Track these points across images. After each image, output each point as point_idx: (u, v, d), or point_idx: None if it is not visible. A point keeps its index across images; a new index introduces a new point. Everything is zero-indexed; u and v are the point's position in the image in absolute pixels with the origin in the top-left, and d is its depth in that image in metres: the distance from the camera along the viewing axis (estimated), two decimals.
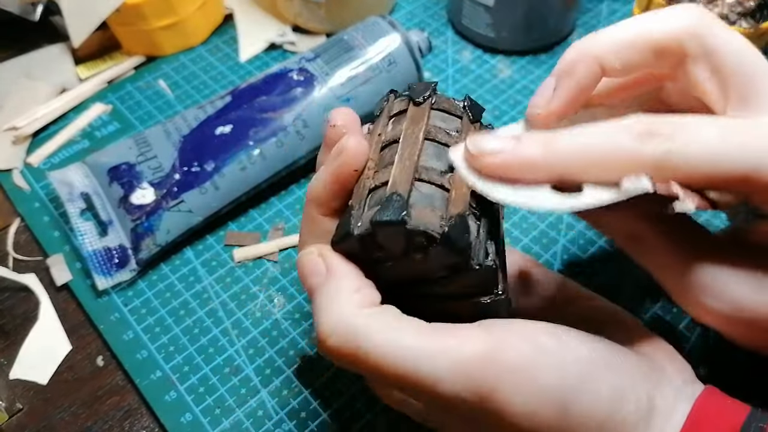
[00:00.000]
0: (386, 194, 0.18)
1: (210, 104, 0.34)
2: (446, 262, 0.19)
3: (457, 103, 0.22)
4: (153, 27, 0.39)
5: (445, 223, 0.18)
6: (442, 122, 0.21)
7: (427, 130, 0.20)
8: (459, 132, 0.21)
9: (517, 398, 0.17)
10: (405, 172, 0.19)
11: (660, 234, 0.20)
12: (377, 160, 0.21)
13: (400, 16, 0.43)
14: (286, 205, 0.34)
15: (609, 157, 0.17)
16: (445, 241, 0.18)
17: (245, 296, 0.30)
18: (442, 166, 0.20)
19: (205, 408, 0.27)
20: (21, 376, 0.28)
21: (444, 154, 0.20)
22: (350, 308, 0.18)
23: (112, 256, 0.30)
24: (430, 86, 0.22)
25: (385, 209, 0.18)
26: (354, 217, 0.19)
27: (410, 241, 0.18)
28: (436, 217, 0.18)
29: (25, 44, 0.42)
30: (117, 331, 0.29)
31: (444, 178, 0.19)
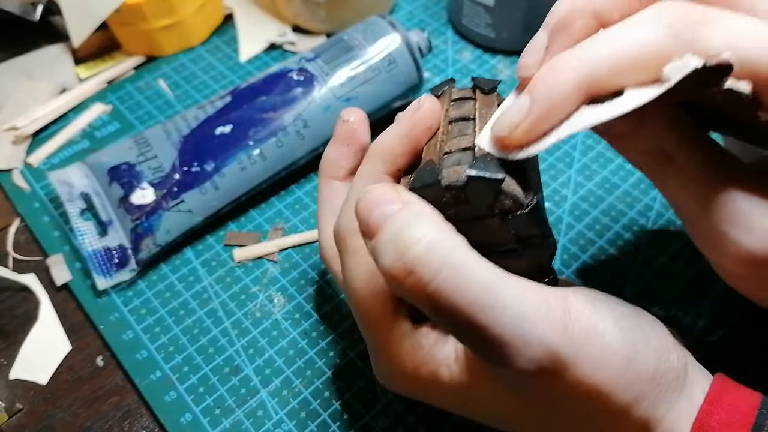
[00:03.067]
0: (479, 154, 0.19)
1: (210, 104, 0.34)
2: (522, 233, 0.19)
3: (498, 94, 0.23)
4: (153, 27, 0.39)
5: (530, 194, 0.19)
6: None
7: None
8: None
9: (592, 356, 0.17)
10: (485, 143, 0.19)
11: (691, 151, 0.18)
12: (445, 131, 0.21)
13: (400, 16, 0.43)
14: (286, 205, 0.34)
15: (645, 56, 0.16)
16: (533, 209, 0.18)
17: (245, 296, 0.30)
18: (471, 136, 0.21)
19: (205, 408, 0.27)
20: (21, 376, 0.28)
21: (469, 129, 0.21)
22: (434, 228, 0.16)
23: (112, 256, 0.30)
24: (495, 82, 0.22)
25: (481, 165, 0.18)
26: (436, 169, 0.19)
27: (498, 201, 0.18)
28: (520, 188, 0.19)
29: (25, 44, 0.42)
30: (117, 331, 0.29)
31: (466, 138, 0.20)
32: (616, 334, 0.18)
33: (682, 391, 0.19)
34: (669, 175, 0.19)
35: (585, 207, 0.33)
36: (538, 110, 0.17)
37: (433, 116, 0.21)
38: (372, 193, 0.18)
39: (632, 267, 0.30)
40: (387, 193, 0.18)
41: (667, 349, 0.19)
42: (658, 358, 0.18)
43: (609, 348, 0.17)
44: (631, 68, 0.16)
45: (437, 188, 0.19)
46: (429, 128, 0.21)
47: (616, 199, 0.33)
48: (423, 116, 0.21)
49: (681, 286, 0.29)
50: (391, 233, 0.17)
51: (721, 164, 0.18)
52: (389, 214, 0.17)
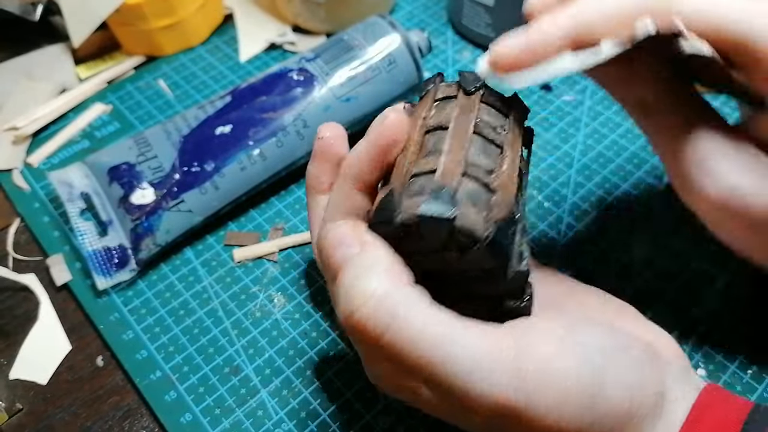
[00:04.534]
0: (435, 185, 0.18)
1: (210, 104, 0.34)
2: (483, 266, 0.18)
3: (504, 100, 0.21)
4: (153, 27, 0.39)
5: (490, 226, 0.18)
6: (489, 117, 0.21)
7: (477, 122, 0.20)
8: (506, 131, 0.21)
9: (548, 397, 0.17)
10: (455, 166, 0.19)
11: (667, 100, 0.20)
12: (420, 142, 0.20)
13: (400, 17, 0.43)
14: (286, 205, 0.34)
15: (625, 12, 0.18)
16: (489, 245, 0.17)
17: (245, 296, 0.30)
18: (489, 164, 0.19)
19: (205, 408, 0.27)
20: (21, 376, 0.28)
21: (490, 151, 0.20)
22: (386, 281, 0.17)
23: (112, 256, 0.30)
24: (480, 78, 0.21)
25: (433, 201, 0.17)
26: (395, 202, 0.18)
27: (452, 238, 0.18)
28: (480, 218, 0.18)
29: (25, 44, 0.42)
30: (117, 331, 0.29)
31: (489, 178, 0.19)
32: (581, 372, 0.17)
33: (661, 416, 0.18)
34: (648, 118, 0.21)
35: (585, 207, 0.33)
36: (531, 42, 0.19)
37: (397, 131, 0.20)
38: (332, 234, 0.19)
39: (632, 268, 0.30)
40: (346, 235, 0.19)
41: (645, 383, 0.18)
42: (632, 393, 0.18)
43: (569, 388, 0.17)
44: (613, 23, 0.19)
45: (393, 226, 0.18)
46: (395, 142, 0.20)
47: (615, 199, 0.33)
48: (385, 134, 0.20)
49: (683, 284, 0.29)
50: (346, 285, 0.18)
51: (697, 113, 0.20)
52: (347, 258, 0.18)
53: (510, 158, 0.20)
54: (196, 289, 0.30)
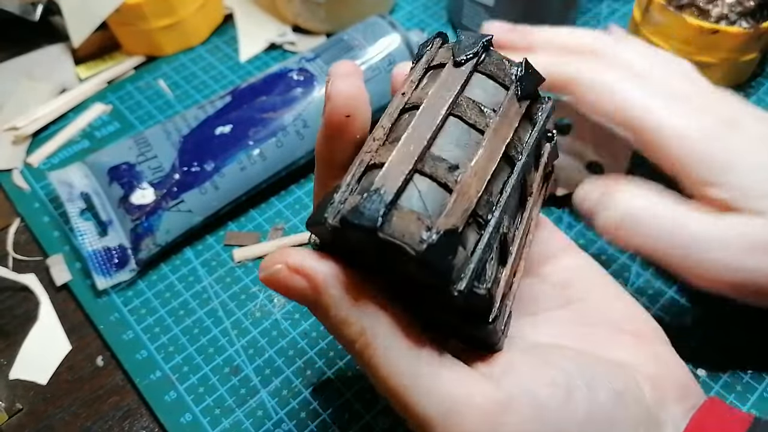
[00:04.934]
0: (371, 185, 0.15)
1: (210, 104, 0.34)
2: (422, 281, 0.16)
3: (510, 68, 0.17)
4: (153, 27, 0.39)
5: (428, 238, 0.15)
6: (482, 92, 0.17)
7: (458, 101, 0.17)
8: (496, 111, 0.17)
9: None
10: (405, 159, 0.15)
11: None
12: (390, 126, 0.17)
13: (400, 17, 0.43)
14: (286, 205, 0.34)
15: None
16: (419, 260, 0.15)
17: (245, 296, 0.30)
18: (459, 155, 0.16)
19: (205, 408, 0.27)
20: (21, 376, 0.28)
21: (470, 138, 0.16)
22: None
23: (112, 256, 0.30)
24: (481, 41, 0.17)
25: (361, 207, 0.15)
26: (336, 200, 0.16)
27: (382, 250, 0.15)
28: (420, 227, 0.15)
29: (25, 44, 0.42)
30: (117, 331, 0.29)
31: (452, 176, 0.16)
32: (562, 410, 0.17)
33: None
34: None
35: None
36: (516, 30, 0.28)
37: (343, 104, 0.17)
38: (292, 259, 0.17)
39: (632, 268, 0.30)
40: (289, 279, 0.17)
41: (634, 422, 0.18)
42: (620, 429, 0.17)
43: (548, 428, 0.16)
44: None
45: (324, 230, 0.16)
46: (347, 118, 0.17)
47: None
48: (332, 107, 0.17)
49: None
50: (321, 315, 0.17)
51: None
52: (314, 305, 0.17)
53: (488, 148, 0.16)
54: (196, 289, 0.30)
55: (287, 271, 0.17)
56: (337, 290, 0.16)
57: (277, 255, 0.17)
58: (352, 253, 0.17)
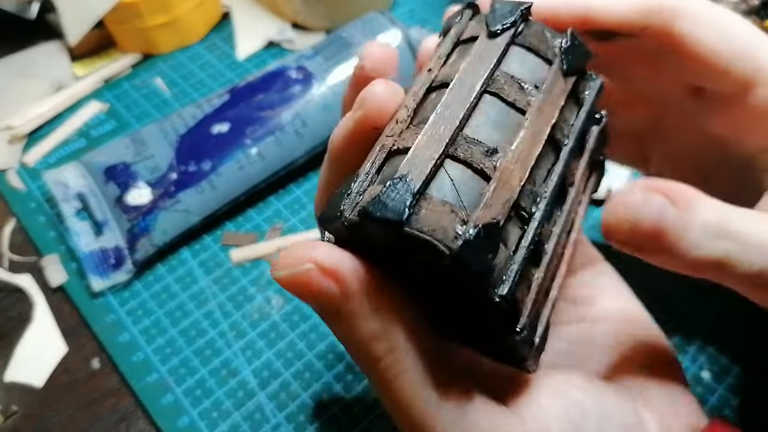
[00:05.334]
0: (395, 173, 0.13)
1: (207, 102, 0.33)
2: (457, 284, 0.13)
3: (552, 40, 0.15)
4: (149, 25, 0.39)
5: (464, 233, 0.12)
6: (522, 67, 0.15)
7: (494, 76, 0.15)
8: (539, 88, 0.15)
9: None
10: (434, 142, 0.13)
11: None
12: (415, 106, 0.15)
13: (400, 14, 0.43)
14: (285, 205, 0.33)
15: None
16: (453, 259, 0.12)
17: (243, 297, 0.30)
18: (497, 138, 0.14)
19: (202, 411, 0.26)
20: (16, 378, 0.28)
21: (508, 118, 0.14)
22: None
23: (108, 256, 0.30)
24: (519, 8, 0.15)
25: (384, 197, 0.13)
26: (353, 191, 0.14)
27: (407, 247, 0.13)
28: (453, 220, 0.13)
29: (20, 42, 0.42)
30: (113, 332, 0.29)
31: (490, 161, 0.14)
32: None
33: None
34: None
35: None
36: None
37: (380, 113, 0.15)
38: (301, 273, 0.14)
39: (635, 270, 0.30)
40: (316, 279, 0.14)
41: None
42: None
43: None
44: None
45: (341, 226, 0.14)
46: (375, 130, 0.16)
47: None
48: (365, 116, 0.15)
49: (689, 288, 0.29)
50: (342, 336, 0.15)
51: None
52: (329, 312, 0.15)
53: (531, 129, 0.14)
54: (193, 291, 0.30)
55: (317, 272, 0.14)
56: (369, 298, 0.14)
57: (299, 250, 0.14)
58: (369, 252, 0.14)
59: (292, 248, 0.14)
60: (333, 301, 0.14)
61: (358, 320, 0.14)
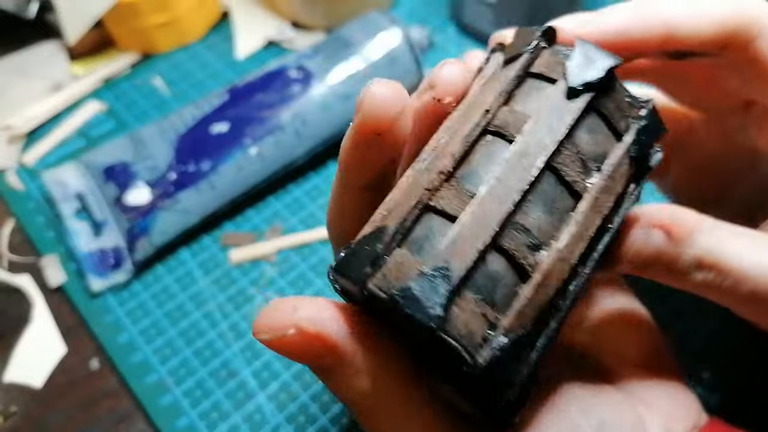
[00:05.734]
0: (435, 259, 0.12)
1: (207, 102, 0.33)
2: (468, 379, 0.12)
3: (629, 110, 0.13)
4: (148, 24, 0.39)
5: (491, 344, 0.12)
6: (589, 138, 0.13)
7: (560, 148, 0.13)
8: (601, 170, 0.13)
9: None
10: (483, 226, 0.12)
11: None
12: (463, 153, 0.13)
13: (400, 13, 0.43)
14: (284, 205, 0.33)
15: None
16: (481, 374, 0.12)
17: (242, 298, 0.30)
18: (545, 226, 0.12)
19: (201, 412, 0.26)
20: (15, 379, 0.28)
21: (562, 203, 0.13)
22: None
23: (107, 257, 0.30)
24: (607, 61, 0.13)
25: (418, 292, 0.11)
26: (379, 251, 0.12)
27: (435, 346, 0.12)
28: (483, 325, 0.12)
29: (19, 42, 0.42)
30: (112, 333, 0.29)
31: (532, 257, 0.12)
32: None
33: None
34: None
35: None
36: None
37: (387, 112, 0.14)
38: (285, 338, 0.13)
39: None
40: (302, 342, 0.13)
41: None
42: None
43: None
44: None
45: (360, 290, 0.12)
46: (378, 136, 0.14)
47: None
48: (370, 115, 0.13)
49: None
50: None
51: None
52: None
53: (582, 224, 0.13)
54: (192, 291, 0.30)
55: (300, 336, 0.13)
56: (359, 358, 0.13)
57: (281, 312, 0.13)
58: (376, 315, 0.13)
59: (273, 308, 0.13)
60: (320, 364, 0.13)
61: (347, 379, 0.14)
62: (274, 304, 0.13)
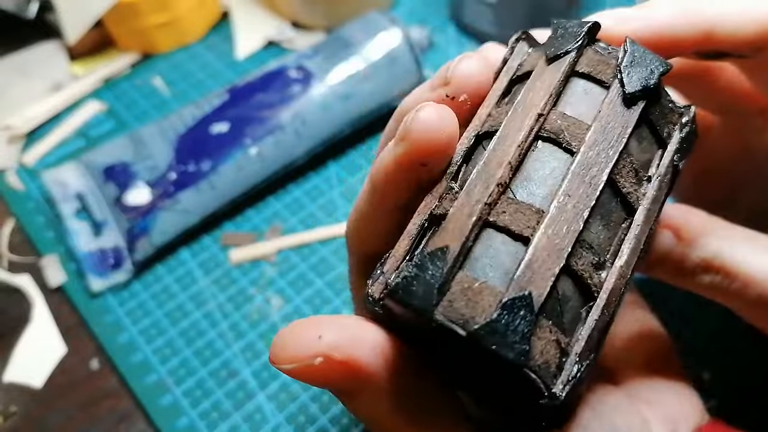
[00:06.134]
0: (512, 289, 0.11)
1: (207, 102, 0.33)
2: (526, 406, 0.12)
3: (672, 116, 0.13)
4: (149, 24, 0.39)
5: (567, 368, 0.11)
6: (638, 147, 0.13)
7: (619, 160, 0.12)
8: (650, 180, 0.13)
9: None
10: (555, 249, 0.11)
11: None
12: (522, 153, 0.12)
13: (400, 13, 0.43)
14: (284, 205, 0.33)
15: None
16: (559, 406, 0.11)
17: (242, 298, 0.30)
18: (603, 241, 0.12)
19: (201, 412, 0.26)
20: (15, 379, 0.28)
21: (616, 214, 0.12)
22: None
23: (107, 256, 0.30)
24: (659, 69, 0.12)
25: (501, 327, 0.10)
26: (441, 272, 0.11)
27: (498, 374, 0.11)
28: (555, 352, 0.11)
29: (19, 42, 0.42)
30: (112, 333, 0.29)
31: (597, 276, 0.12)
32: None
33: None
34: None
35: None
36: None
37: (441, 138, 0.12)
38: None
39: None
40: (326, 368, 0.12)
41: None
42: None
43: None
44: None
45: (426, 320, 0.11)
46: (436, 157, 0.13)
47: None
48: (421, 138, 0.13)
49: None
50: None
51: None
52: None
53: (638, 236, 0.12)
54: (192, 291, 0.30)
55: (326, 365, 0.12)
56: (389, 380, 0.12)
57: (303, 338, 0.12)
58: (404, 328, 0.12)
59: (294, 334, 0.12)
60: (348, 389, 0.13)
61: (371, 403, 0.13)
62: (294, 329, 0.12)
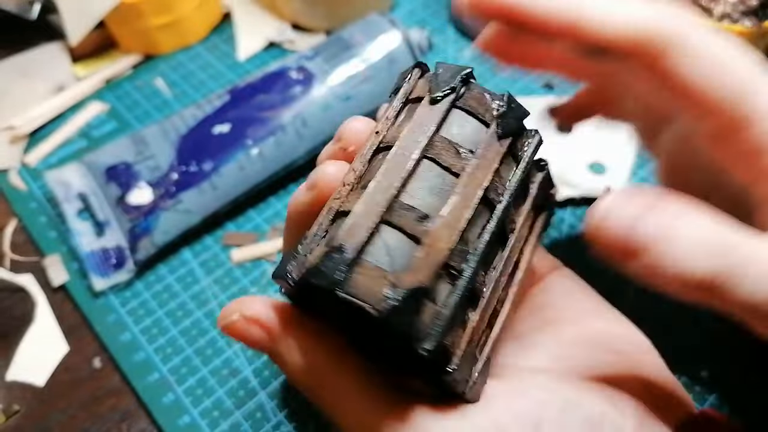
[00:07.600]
0: (332, 241, 0.15)
1: (208, 103, 0.33)
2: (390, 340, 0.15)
3: (491, 102, 0.16)
4: (150, 25, 0.39)
5: (392, 297, 0.14)
6: (461, 131, 0.16)
7: (433, 142, 0.16)
8: (474, 152, 0.16)
9: None
10: (372, 209, 0.15)
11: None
12: (363, 169, 0.16)
13: (400, 14, 0.43)
14: (285, 205, 0.33)
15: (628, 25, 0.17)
16: (382, 323, 0.14)
17: None
18: (432, 203, 0.15)
19: (204, 410, 0.26)
20: (17, 377, 0.28)
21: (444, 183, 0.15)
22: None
23: (110, 256, 0.30)
24: (460, 73, 0.16)
25: (322, 265, 0.14)
26: (300, 252, 0.16)
27: (345, 308, 0.15)
28: (383, 285, 0.14)
29: (22, 43, 0.42)
30: (114, 332, 0.29)
31: (421, 226, 0.15)
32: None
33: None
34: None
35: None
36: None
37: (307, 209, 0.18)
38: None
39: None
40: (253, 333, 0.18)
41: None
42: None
43: None
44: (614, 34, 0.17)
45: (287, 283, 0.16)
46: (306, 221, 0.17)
47: None
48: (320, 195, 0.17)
49: None
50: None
51: None
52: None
53: (462, 194, 0.15)
54: (194, 290, 0.30)
55: (243, 321, 0.17)
56: (295, 338, 0.17)
57: (234, 304, 0.18)
58: (317, 306, 0.17)
59: (230, 303, 0.18)
60: (262, 343, 0.17)
61: (284, 356, 0.17)
62: (230, 303, 0.18)
